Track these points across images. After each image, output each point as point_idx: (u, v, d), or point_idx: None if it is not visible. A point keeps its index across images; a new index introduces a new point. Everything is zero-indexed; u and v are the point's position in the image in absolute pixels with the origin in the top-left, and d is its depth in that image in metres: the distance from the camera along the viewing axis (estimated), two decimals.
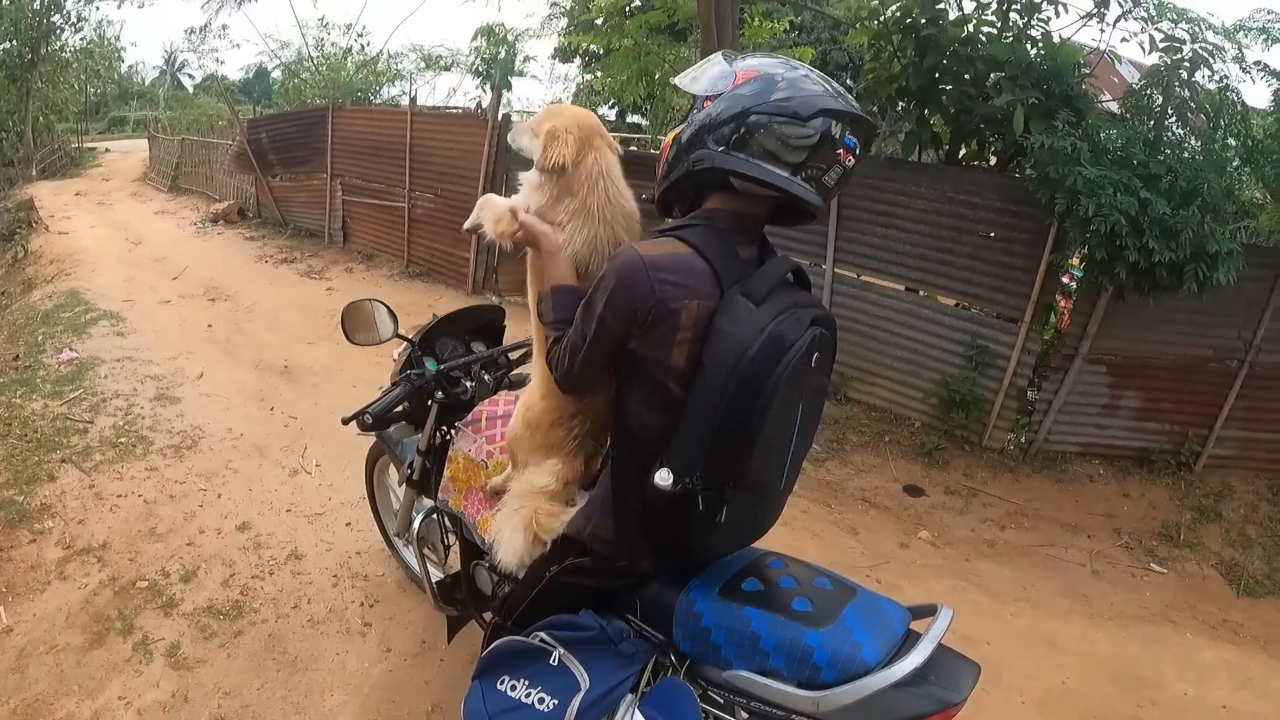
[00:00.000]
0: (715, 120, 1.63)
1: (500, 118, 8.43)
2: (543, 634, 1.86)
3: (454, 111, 9.88)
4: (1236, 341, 5.65)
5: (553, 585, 1.95)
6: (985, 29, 5.60)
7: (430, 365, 2.60)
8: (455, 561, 2.78)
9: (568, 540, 1.93)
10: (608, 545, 1.84)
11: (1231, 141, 5.07)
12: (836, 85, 1.63)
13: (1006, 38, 5.42)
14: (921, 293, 6.15)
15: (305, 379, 6.19)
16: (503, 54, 15.92)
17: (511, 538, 1.98)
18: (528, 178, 1.95)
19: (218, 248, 11.34)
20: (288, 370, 6.35)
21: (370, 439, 3.31)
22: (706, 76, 1.69)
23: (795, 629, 1.66)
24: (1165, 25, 4.83)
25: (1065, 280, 5.08)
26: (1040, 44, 5.31)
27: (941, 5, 5.50)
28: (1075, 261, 4.96)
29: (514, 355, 2.79)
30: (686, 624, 1.79)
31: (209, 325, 7.53)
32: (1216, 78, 4.92)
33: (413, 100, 9.98)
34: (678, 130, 1.72)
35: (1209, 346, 5.70)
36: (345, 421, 2.43)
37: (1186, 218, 4.42)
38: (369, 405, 2.43)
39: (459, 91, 16.24)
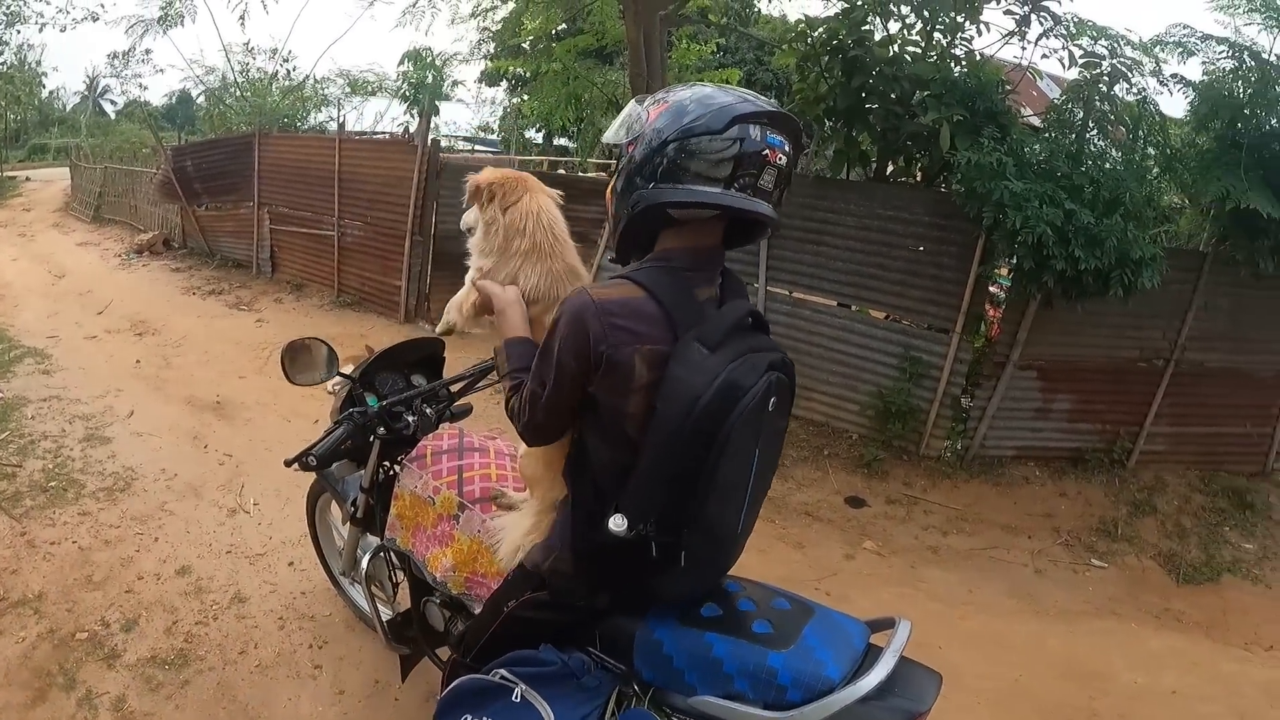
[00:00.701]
0: (639, 160, 1.63)
1: (430, 143, 8.35)
2: (503, 670, 1.80)
3: (383, 138, 9.75)
4: (1162, 342, 5.90)
5: (511, 620, 1.90)
6: (909, 49, 5.75)
7: (372, 401, 2.55)
8: (404, 599, 2.71)
9: (526, 574, 1.89)
10: (567, 580, 1.81)
11: (1151, 151, 5.28)
12: (747, 92, 1.64)
13: (931, 57, 5.57)
14: (854, 308, 6.25)
15: (238, 414, 6.02)
16: (430, 78, 15.80)
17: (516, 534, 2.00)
18: (473, 244, 1.99)
19: (144, 280, 11.01)
20: (220, 406, 6.16)
21: (310, 476, 3.22)
22: (622, 123, 1.70)
23: (758, 651, 1.66)
24: (1085, 41, 5.01)
25: (994, 290, 5.22)
26: (963, 62, 5.46)
27: (868, 27, 5.63)
28: (1003, 272, 5.12)
29: (455, 388, 2.73)
30: (647, 653, 1.76)
31: (137, 361, 7.28)
32: (1134, 91, 5.12)
33: (341, 126, 9.84)
34: (611, 183, 1.73)
35: (1136, 348, 5.94)
36: (289, 463, 2.37)
37: (1110, 226, 4.59)
38: (312, 446, 2.36)
39: (384, 117, 16.09)
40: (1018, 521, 5.48)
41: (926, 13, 5.52)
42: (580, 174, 13.59)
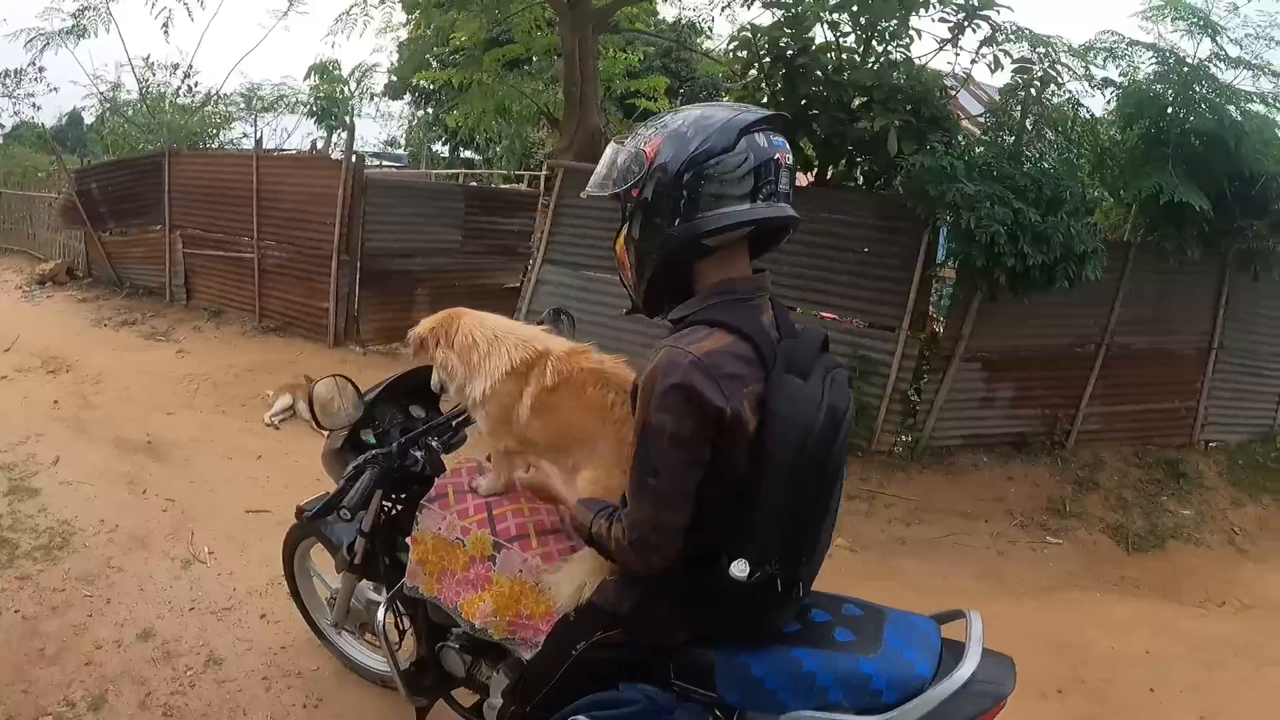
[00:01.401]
0: (654, 201, 1.59)
1: (354, 158, 8.10)
2: (583, 717, 1.75)
3: (304, 154, 9.38)
4: (1094, 328, 6.26)
5: (579, 663, 1.83)
6: (845, 55, 5.90)
7: (369, 438, 2.44)
8: (408, 646, 2.62)
9: (595, 613, 1.82)
10: (648, 623, 1.75)
11: (1084, 150, 5.58)
12: (730, 102, 1.69)
13: (870, 64, 5.73)
14: (800, 310, 6.36)
15: (173, 454, 5.63)
16: (344, 92, 15.28)
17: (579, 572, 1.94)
18: (454, 389, 2.12)
19: (50, 313, 10.26)
20: (152, 446, 5.75)
21: (272, 519, 3.04)
22: (616, 171, 1.65)
23: (849, 659, 1.68)
24: (1019, 47, 5.26)
25: (936, 294, 5.41)
26: (900, 69, 5.64)
27: (810, 35, 5.74)
28: (949, 273, 5.32)
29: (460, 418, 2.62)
30: (733, 677, 1.73)
31: (55, 401, 6.75)
32: (1064, 94, 5.41)
33: (258, 143, 9.42)
34: (621, 233, 1.68)
35: (1070, 335, 6.28)
36: (314, 517, 2.25)
37: (1055, 223, 4.84)
38: (341, 497, 2.23)
39: (291, 134, 15.37)
40: (972, 507, 5.69)
41: (864, 20, 5.65)
42: (496, 186, 13.47)
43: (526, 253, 9.50)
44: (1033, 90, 5.34)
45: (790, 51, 5.77)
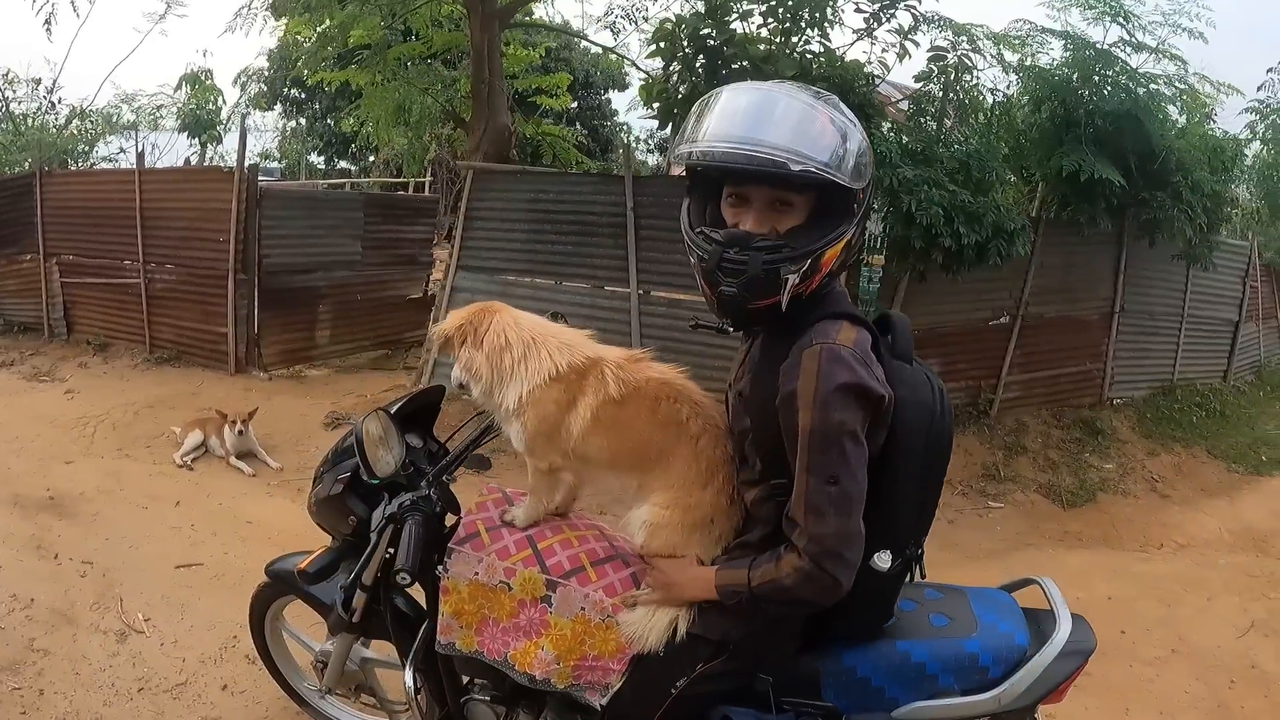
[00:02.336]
0: (866, 204, 1.57)
1: (247, 168, 7.58)
2: None
3: (192, 167, 8.69)
4: (1009, 301, 6.66)
5: (680, 700, 1.72)
6: (764, 45, 5.99)
7: (373, 479, 2.09)
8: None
9: (698, 644, 1.71)
10: (760, 644, 1.69)
11: (1000, 133, 5.94)
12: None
13: (790, 54, 5.84)
14: None
15: (81, 509, 5.00)
16: (219, 102, 14.27)
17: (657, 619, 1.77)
18: (478, 397, 1.86)
19: None
20: (55, 502, 5.09)
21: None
22: (850, 156, 1.48)
23: (954, 644, 1.71)
24: (943, 35, 5.54)
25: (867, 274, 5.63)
26: (822, 59, 5.79)
27: (732, 21, 5.79)
28: (877, 261, 5.54)
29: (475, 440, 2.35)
30: (839, 682, 1.72)
31: None
32: (979, 81, 5.74)
33: (139, 158, 8.63)
34: (844, 237, 1.53)
35: (989, 308, 6.65)
36: (317, 577, 2.02)
37: (986, 204, 5.11)
38: (344, 553, 2.04)
39: (165, 150, 14.07)
40: None
41: (781, 10, 5.76)
42: (374, 192, 12.97)
43: (429, 260, 9.31)
44: (949, 76, 5.61)
45: (712, 42, 5.81)
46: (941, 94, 5.72)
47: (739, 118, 1.48)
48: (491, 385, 1.80)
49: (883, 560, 1.57)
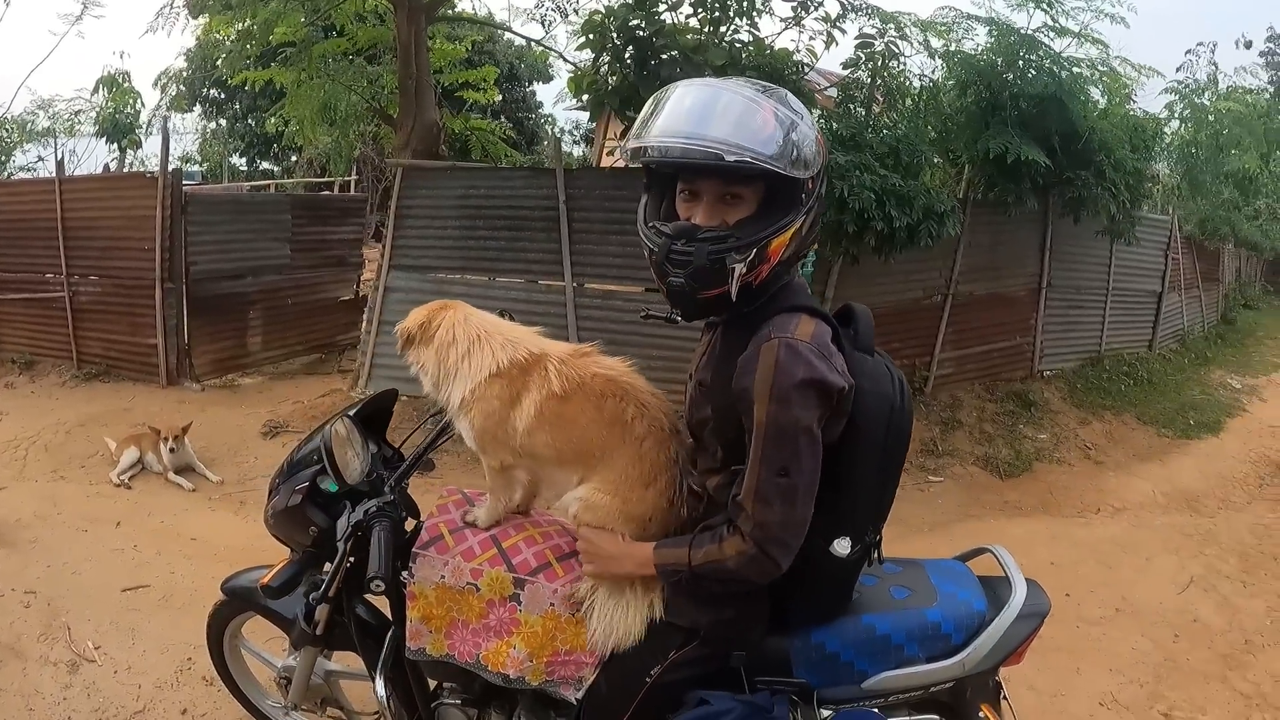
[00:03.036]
0: (821, 191, 1.60)
1: (172, 172, 7.34)
2: None
3: (114, 174, 8.34)
4: (939, 280, 6.83)
5: (655, 688, 1.75)
6: (692, 36, 6.01)
7: (330, 486, 2.08)
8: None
9: (666, 633, 1.75)
10: (729, 627, 1.72)
11: (928, 117, 6.06)
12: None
13: (720, 44, 5.87)
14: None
15: (18, 536, 4.80)
16: (138, 105, 13.73)
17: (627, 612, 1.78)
18: (429, 390, 1.88)
19: None
20: None
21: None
22: (794, 148, 1.48)
23: (916, 614, 1.77)
24: (871, 23, 5.61)
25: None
26: (751, 48, 5.83)
27: (661, 16, 5.78)
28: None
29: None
30: (809, 658, 1.77)
31: None
32: (906, 67, 5.85)
33: (60, 166, 8.27)
34: (791, 227, 1.55)
35: (920, 288, 6.82)
36: (281, 591, 1.98)
37: (916, 187, 5.22)
38: (306, 565, 2.01)
39: (84, 157, 13.44)
40: None
41: (710, 1, 5.78)
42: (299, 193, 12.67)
43: (358, 261, 9.14)
44: (877, 63, 5.70)
45: (641, 33, 5.80)
46: (869, 80, 5.82)
47: (684, 114, 1.51)
48: (439, 381, 1.82)
49: (842, 546, 1.63)
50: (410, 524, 2.07)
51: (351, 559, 1.98)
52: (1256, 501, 5.89)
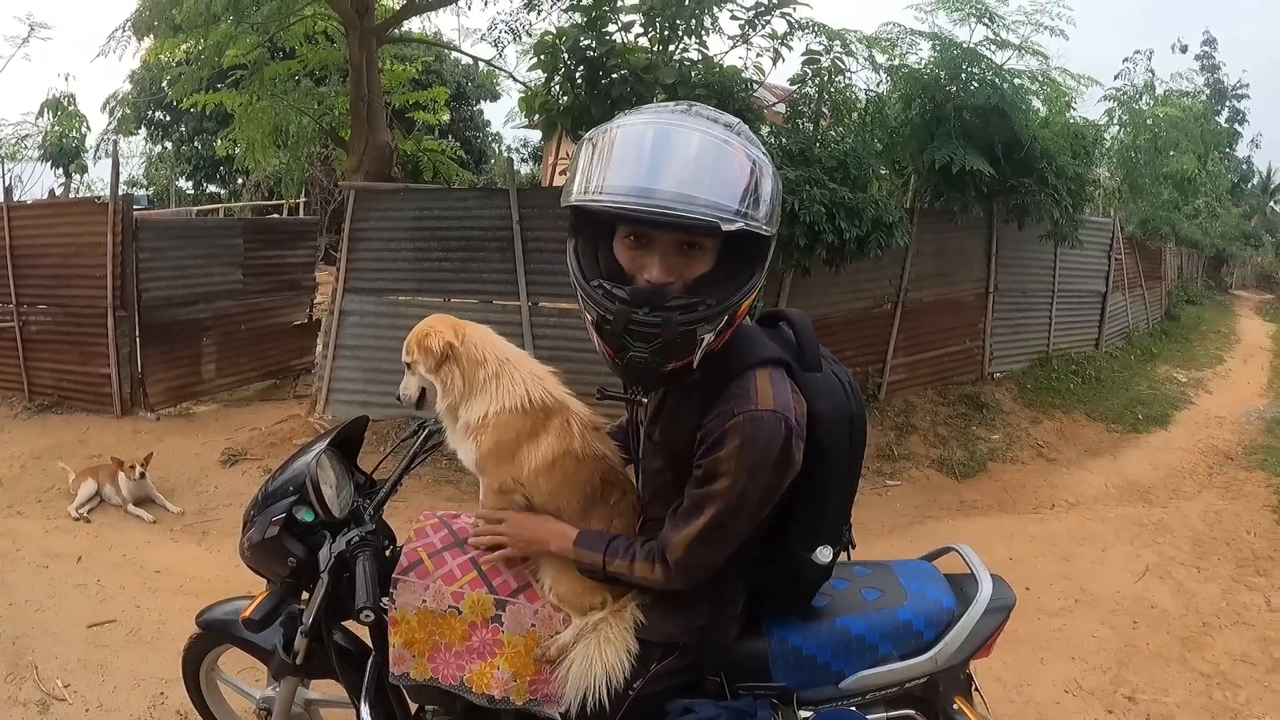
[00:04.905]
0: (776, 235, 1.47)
1: (122, 197, 7.22)
2: None
3: (62, 199, 8.16)
4: (889, 288, 7.00)
5: (639, 701, 1.77)
6: (641, 55, 6.08)
7: (306, 515, 2.07)
8: None
9: (648, 647, 1.77)
10: (703, 634, 1.76)
11: (874, 131, 6.20)
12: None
13: (670, 63, 5.95)
14: None
15: None
16: (83, 129, 13.45)
17: (612, 654, 1.78)
18: (441, 409, 1.87)
19: None
20: None
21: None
22: (765, 197, 1.37)
23: (888, 614, 1.83)
24: (818, 40, 5.73)
25: None
26: (700, 66, 5.92)
27: (610, 35, 5.84)
28: None
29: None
30: (788, 662, 1.82)
31: None
32: (852, 82, 5.99)
33: (8, 192, 8.07)
34: (752, 284, 1.44)
35: (869, 298, 6.97)
36: (263, 623, 1.98)
37: (865, 199, 5.35)
38: (285, 597, 2.02)
39: (29, 182, 13.08)
40: None
41: (660, 20, 5.86)
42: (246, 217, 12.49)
43: (312, 285, 9.05)
44: (823, 78, 5.82)
45: (592, 53, 5.85)
46: (817, 95, 5.94)
47: (646, 161, 1.34)
48: (458, 399, 1.82)
49: (824, 555, 1.68)
50: (388, 550, 2.09)
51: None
52: (1206, 490, 6.10)
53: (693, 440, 1.52)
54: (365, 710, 2.05)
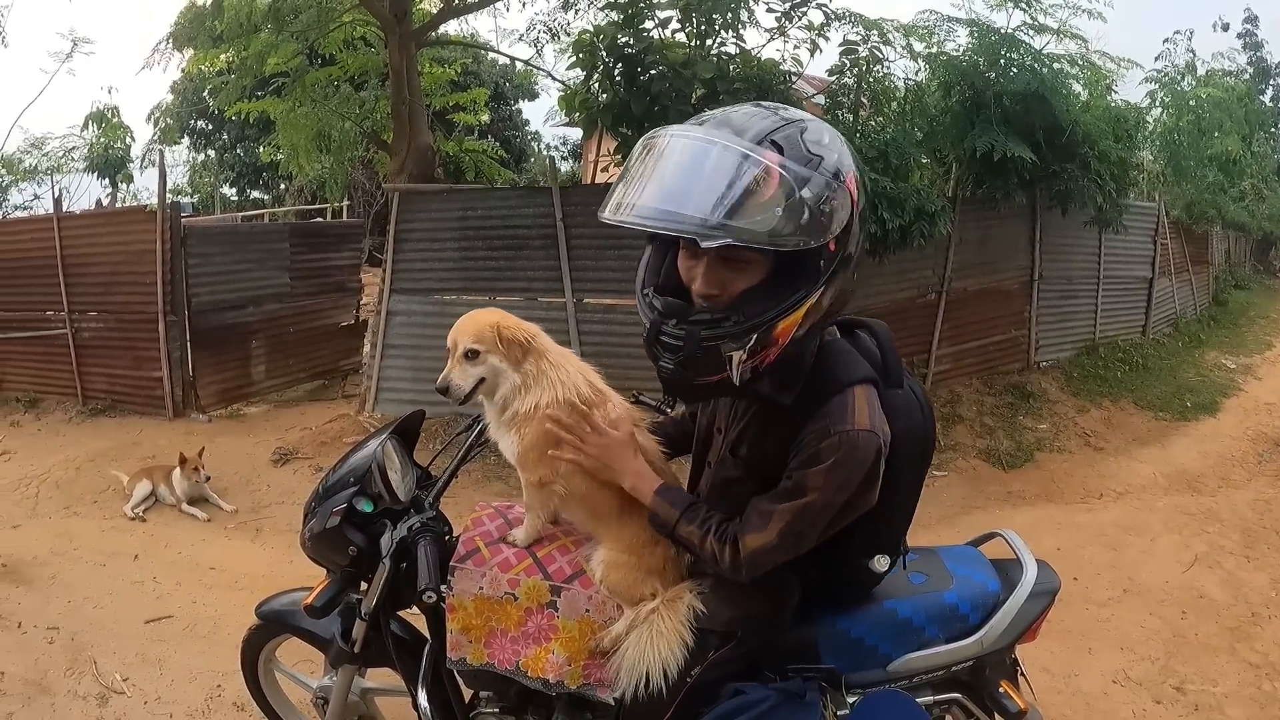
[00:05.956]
0: (850, 253, 1.45)
1: (170, 205, 7.41)
2: None
3: (112, 209, 8.38)
4: (933, 277, 6.95)
5: (695, 689, 1.80)
6: (680, 50, 6.10)
7: (366, 506, 2.14)
8: None
9: (707, 636, 1.81)
10: (763, 627, 1.80)
11: (915, 119, 6.18)
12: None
13: (707, 57, 5.97)
14: None
15: (37, 574, 4.82)
16: (128, 140, 13.78)
17: (666, 646, 1.82)
18: (502, 398, 1.87)
19: None
20: (9, 569, 4.86)
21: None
22: (802, 211, 1.31)
23: (935, 597, 1.86)
24: (855, 30, 5.72)
25: None
26: (739, 60, 5.93)
27: (648, 32, 5.87)
28: None
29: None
30: (836, 645, 1.85)
31: None
32: (890, 71, 5.97)
33: (57, 203, 8.33)
34: (803, 305, 1.40)
35: (914, 287, 6.93)
36: (324, 610, 2.05)
37: (907, 189, 5.33)
38: (345, 586, 2.08)
39: (77, 193, 13.46)
40: None
41: (696, 15, 5.88)
42: (289, 222, 12.71)
43: (357, 286, 9.20)
44: (861, 68, 5.81)
45: (630, 50, 5.89)
46: (855, 86, 5.93)
47: (664, 180, 1.36)
48: (514, 391, 1.84)
49: (881, 564, 1.71)
50: (447, 538, 2.14)
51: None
52: (1256, 478, 5.99)
53: (783, 456, 1.53)
54: (422, 696, 2.11)
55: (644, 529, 1.82)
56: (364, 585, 2.14)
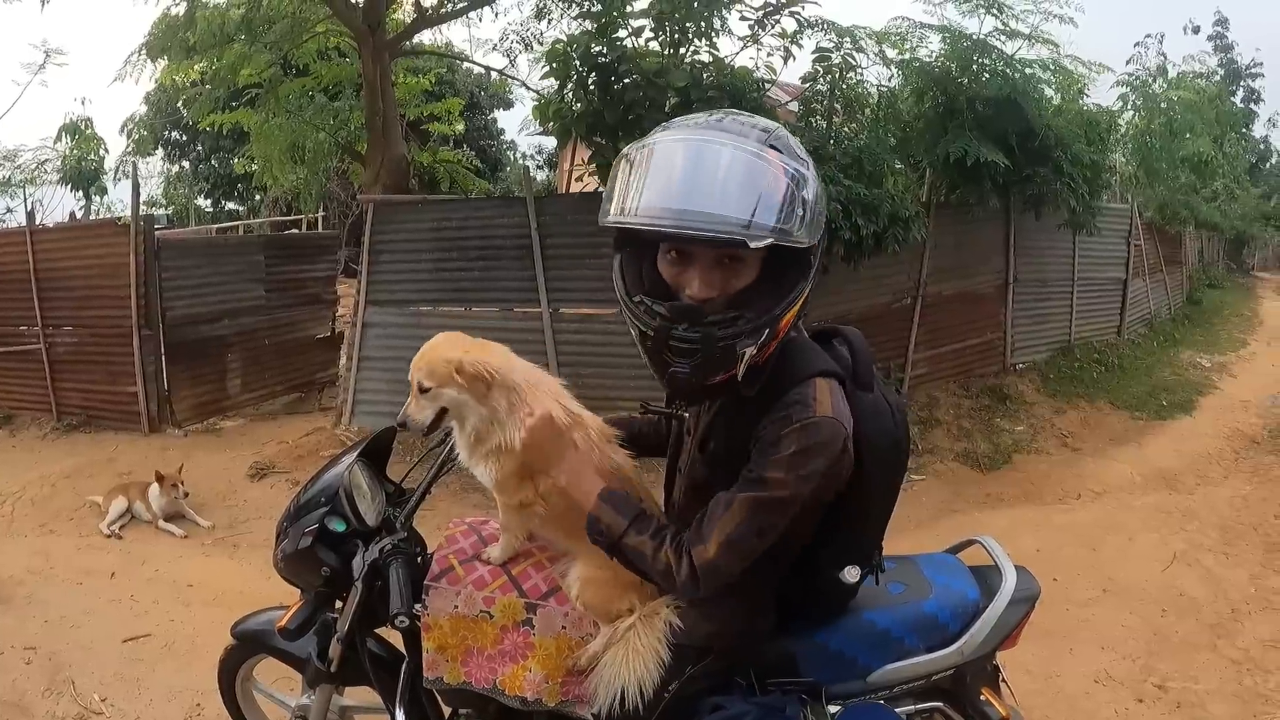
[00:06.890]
0: (817, 248, 1.45)
1: (144, 219, 7.34)
2: None
3: (85, 222, 8.30)
4: (908, 283, 6.99)
5: (674, 703, 1.78)
6: (653, 60, 6.11)
7: (338, 525, 2.11)
8: None
9: (684, 651, 1.78)
10: (739, 638, 1.78)
11: (888, 126, 6.23)
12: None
13: (681, 66, 5.98)
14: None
15: (14, 594, 4.74)
16: (101, 151, 13.66)
17: (642, 663, 1.82)
18: (475, 433, 1.83)
19: None
20: None
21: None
22: (806, 208, 1.36)
23: (914, 607, 1.84)
24: (827, 38, 5.76)
25: None
26: (712, 68, 5.94)
27: (621, 41, 5.88)
28: None
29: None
30: (815, 658, 1.83)
31: None
32: (863, 78, 6.02)
33: (29, 216, 8.23)
34: (800, 296, 1.44)
35: (890, 292, 6.96)
36: (299, 632, 2.01)
37: (881, 195, 5.35)
38: (319, 605, 2.05)
39: (50, 205, 13.31)
40: None
41: (669, 24, 5.90)
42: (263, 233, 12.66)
43: (333, 298, 9.15)
44: (835, 75, 5.85)
45: (603, 60, 5.90)
46: (829, 92, 5.96)
47: (679, 180, 1.35)
48: (489, 424, 1.80)
49: (851, 575, 1.67)
50: (419, 557, 2.11)
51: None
52: (1233, 475, 6.05)
53: (745, 450, 1.52)
54: (400, 715, 2.07)
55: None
56: (339, 605, 2.11)
